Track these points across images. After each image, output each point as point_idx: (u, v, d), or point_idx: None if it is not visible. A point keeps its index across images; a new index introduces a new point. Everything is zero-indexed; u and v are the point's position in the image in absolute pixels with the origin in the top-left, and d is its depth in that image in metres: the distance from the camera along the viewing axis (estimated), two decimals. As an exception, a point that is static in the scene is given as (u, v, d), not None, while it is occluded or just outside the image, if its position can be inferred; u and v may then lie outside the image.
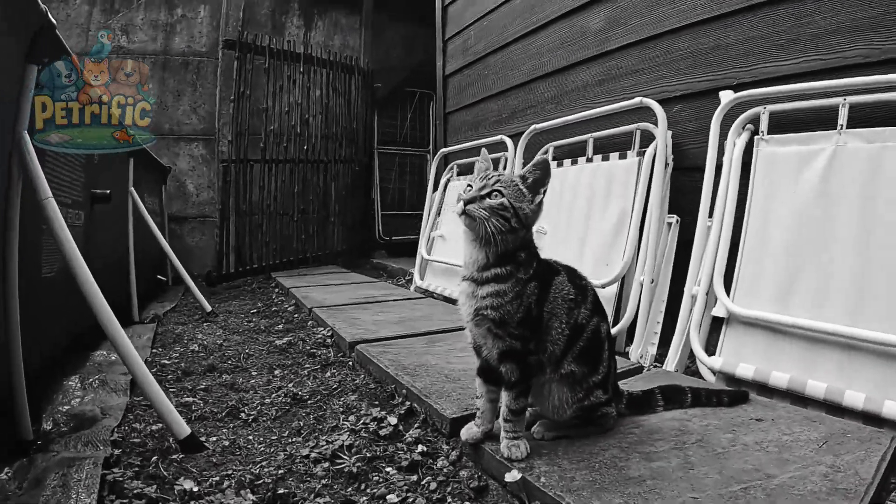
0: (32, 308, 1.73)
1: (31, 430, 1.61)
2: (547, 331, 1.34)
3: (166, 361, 2.53)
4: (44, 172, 1.66)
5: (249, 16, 6.35)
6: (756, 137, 2.17)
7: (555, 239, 2.91)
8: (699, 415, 1.54)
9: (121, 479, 1.35)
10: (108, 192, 2.61)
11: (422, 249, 4.28)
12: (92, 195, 2.58)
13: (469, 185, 1.33)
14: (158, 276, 4.81)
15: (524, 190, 1.33)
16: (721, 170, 2.24)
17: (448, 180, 4.35)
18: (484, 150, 1.48)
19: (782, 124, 2.13)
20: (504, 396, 1.33)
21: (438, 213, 4.31)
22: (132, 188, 3.51)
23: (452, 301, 3.65)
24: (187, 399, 2.02)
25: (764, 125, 2.14)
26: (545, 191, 1.35)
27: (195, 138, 6.22)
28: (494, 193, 1.29)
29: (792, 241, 1.95)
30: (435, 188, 4.48)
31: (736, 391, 1.67)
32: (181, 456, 1.54)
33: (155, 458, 1.50)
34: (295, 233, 5.87)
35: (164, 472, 1.44)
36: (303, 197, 5.93)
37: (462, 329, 1.37)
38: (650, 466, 1.23)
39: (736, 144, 2.20)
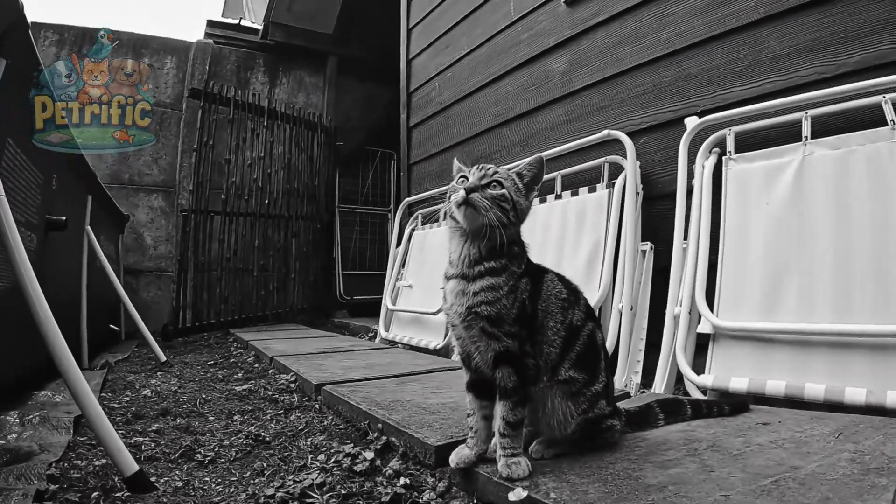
0: None
1: (-45, 462, 1.40)
2: (542, 331, 1.25)
3: (116, 405, 2.28)
4: (-1, 179, 1.46)
5: (215, 70, 6.36)
6: (724, 158, 2.22)
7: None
8: (703, 425, 1.45)
9: (53, 514, 1.12)
10: (64, 218, 2.43)
11: (387, 300, 4.15)
12: (47, 221, 2.39)
13: (463, 177, 1.27)
14: (111, 326, 4.50)
15: (520, 185, 1.30)
16: (692, 193, 2.26)
17: (413, 230, 4.28)
18: (455, 160, 1.41)
19: (748, 144, 2.19)
20: (500, 408, 1.20)
21: (403, 264, 4.21)
22: (89, 227, 3.30)
23: (420, 349, 3.55)
24: (137, 439, 1.79)
25: (731, 145, 2.20)
26: (538, 188, 1.34)
27: (155, 189, 6.04)
28: (494, 184, 1.25)
29: (771, 250, 1.96)
30: (399, 239, 4.39)
31: (736, 401, 1.60)
32: (126, 494, 1.33)
33: (96, 494, 1.31)
34: (254, 289, 5.66)
35: (106, 510, 1.24)
36: (263, 252, 5.77)
37: (435, 371, 1.28)
38: (668, 473, 1.11)
39: (705, 167, 2.23)
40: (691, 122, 2.32)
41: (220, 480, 1.49)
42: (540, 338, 1.25)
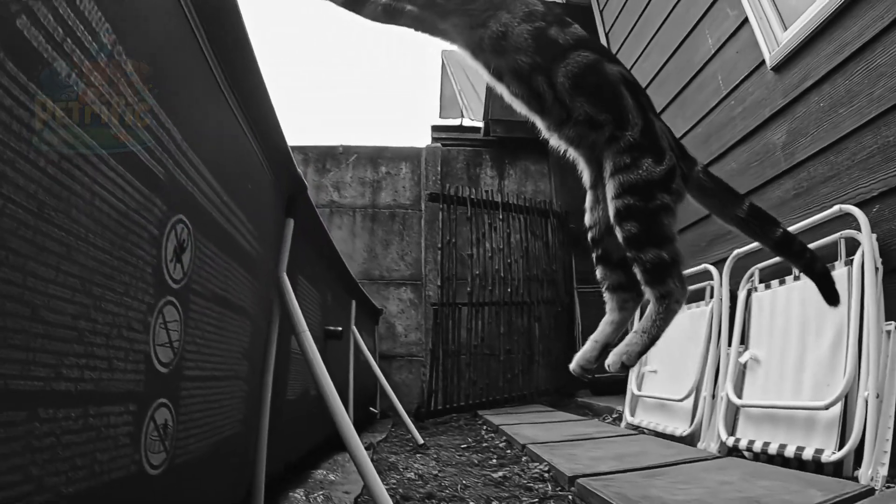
0: (276, 425, 2.05)
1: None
2: None
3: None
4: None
5: (447, 170, 7.70)
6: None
7: (769, 368, 3.03)
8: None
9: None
10: (341, 329, 3.20)
11: (631, 385, 4.48)
12: (326, 331, 3.12)
13: None
14: (371, 409, 5.59)
15: None
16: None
17: (652, 313, 4.55)
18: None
19: None
20: None
21: (645, 348, 4.49)
22: (354, 327, 4.25)
23: (666, 436, 3.80)
24: (407, 520, 2.20)
25: (973, 206, 2.22)
26: None
27: (403, 283, 7.42)
28: None
29: None
30: (641, 323, 4.68)
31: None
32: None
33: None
34: (500, 372, 6.45)
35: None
36: (508, 337, 6.58)
37: (680, 463, 1.48)
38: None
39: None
40: (925, 184, 2.39)
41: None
42: None
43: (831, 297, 1.79)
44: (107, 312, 0.88)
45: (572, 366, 1.77)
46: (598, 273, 1.86)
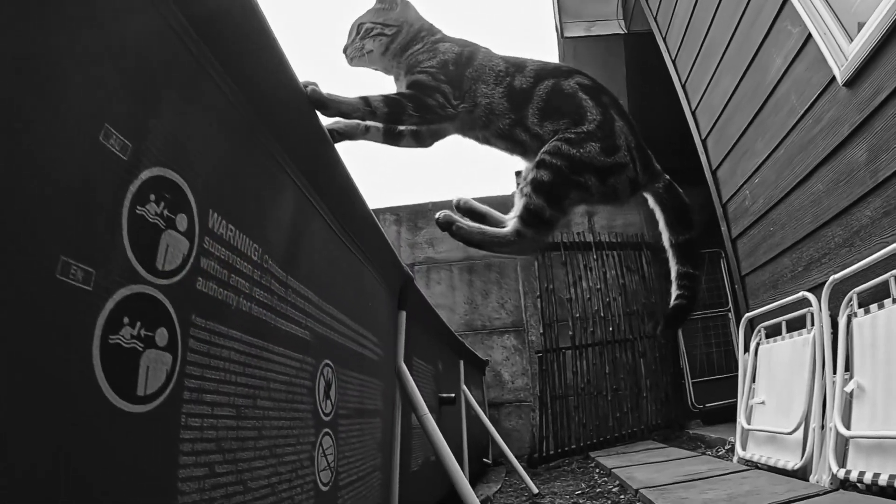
0: (403, 495, 2.20)
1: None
2: None
3: None
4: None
5: (536, 213, 7.72)
6: None
7: (875, 395, 2.93)
8: None
9: None
10: (454, 395, 3.42)
11: (741, 419, 4.39)
12: (440, 398, 3.36)
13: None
14: (483, 459, 5.77)
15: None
16: None
17: (757, 344, 4.50)
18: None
19: None
20: None
21: (753, 380, 4.43)
22: (464, 386, 4.47)
23: (777, 470, 3.70)
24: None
25: None
26: None
27: (505, 331, 7.57)
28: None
29: None
30: (745, 349, 4.64)
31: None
32: None
33: None
34: (609, 412, 6.46)
35: None
36: (614, 376, 6.61)
37: (791, 501, 1.59)
38: None
39: None
40: None
41: None
42: None
43: (668, 322, 1.95)
44: (287, 463, 1.13)
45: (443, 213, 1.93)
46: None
